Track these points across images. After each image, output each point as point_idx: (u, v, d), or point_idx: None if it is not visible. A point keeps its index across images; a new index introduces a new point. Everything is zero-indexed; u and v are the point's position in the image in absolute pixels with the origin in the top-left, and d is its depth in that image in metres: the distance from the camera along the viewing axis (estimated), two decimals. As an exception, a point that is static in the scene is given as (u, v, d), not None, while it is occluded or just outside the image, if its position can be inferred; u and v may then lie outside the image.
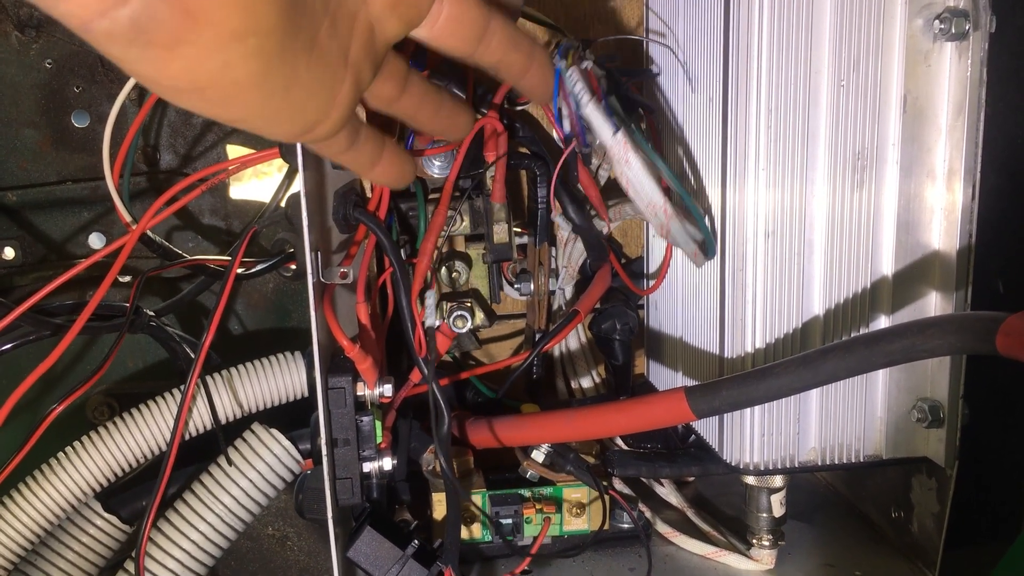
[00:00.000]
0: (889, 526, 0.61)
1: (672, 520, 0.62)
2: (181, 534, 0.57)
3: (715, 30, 0.51)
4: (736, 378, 0.46)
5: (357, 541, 0.51)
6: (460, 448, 0.59)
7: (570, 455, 0.57)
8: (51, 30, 0.70)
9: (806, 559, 0.60)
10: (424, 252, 0.55)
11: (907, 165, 0.50)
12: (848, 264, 0.51)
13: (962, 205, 0.50)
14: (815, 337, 0.51)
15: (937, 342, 0.40)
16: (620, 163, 0.51)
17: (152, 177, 0.74)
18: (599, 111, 0.51)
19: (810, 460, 0.53)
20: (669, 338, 0.63)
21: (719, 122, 0.51)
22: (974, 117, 0.49)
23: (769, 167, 0.49)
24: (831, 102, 0.49)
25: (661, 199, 0.51)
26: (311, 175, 0.48)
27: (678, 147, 0.59)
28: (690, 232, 0.53)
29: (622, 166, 0.51)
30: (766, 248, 0.50)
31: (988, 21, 0.48)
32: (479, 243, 0.61)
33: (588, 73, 0.52)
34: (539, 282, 0.63)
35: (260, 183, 0.81)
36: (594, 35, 0.65)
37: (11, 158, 0.72)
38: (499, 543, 0.56)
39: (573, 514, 0.58)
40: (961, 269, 0.50)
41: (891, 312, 0.52)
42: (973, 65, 0.48)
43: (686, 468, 0.59)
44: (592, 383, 0.68)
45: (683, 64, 0.57)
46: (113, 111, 0.57)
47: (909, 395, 0.53)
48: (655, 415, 0.49)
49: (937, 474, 0.54)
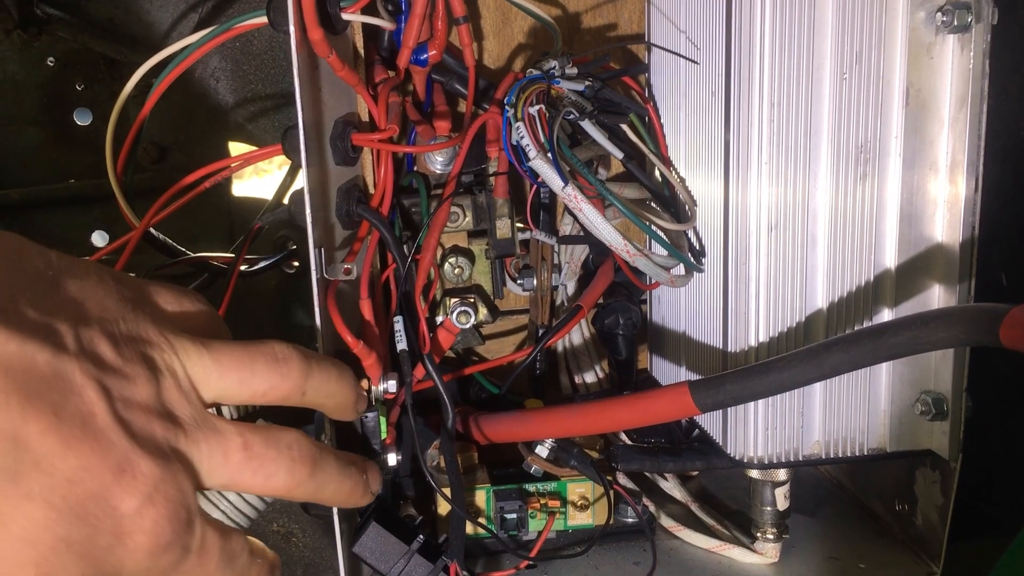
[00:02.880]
0: (893, 519, 0.61)
1: (676, 514, 0.62)
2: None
3: (717, 23, 0.51)
4: (740, 372, 0.46)
5: (362, 536, 0.51)
6: (464, 444, 0.59)
7: (574, 450, 0.57)
8: (53, 28, 0.70)
9: (810, 552, 0.60)
10: (427, 248, 0.55)
11: (910, 158, 0.50)
12: (851, 257, 0.51)
13: (965, 197, 0.49)
14: (819, 330, 0.51)
15: (941, 335, 0.40)
16: (575, 211, 0.52)
17: (155, 175, 0.74)
18: (546, 164, 0.51)
19: (814, 453, 0.53)
20: (672, 333, 0.63)
21: (721, 116, 0.51)
22: (977, 109, 0.48)
23: (772, 160, 0.49)
24: (834, 95, 0.49)
25: (621, 241, 0.52)
26: (314, 172, 0.48)
27: (680, 141, 0.59)
28: (660, 263, 0.53)
29: (577, 214, 0.52)
30: (769, 242, 0.50)
31: (990, 13, 0.47)
32: (482, 239, 0.61)
33: (539, 117, 0.51)
34: (542, 278, 0.63)
35: (262, 180, 0.81)
36: (593, 27, 0.65)
37: (13, 156, 0.72)
38: (504, 538, 0.57)
39: (577, 508, 0.58)
40: (964, 261, 0.50)
41: (894, 305, 0.52)
42: (976, 57, 0.48)
43: (690, 462, 0.59)
44: (596, 378, 0.68)
45: (685, 57, 0.56)
46: (115, 109, 0.57)
47: (913, 388, 0.53)
48: (659, 410, 0.49)
49: (941, 467, 0.54)
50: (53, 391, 0.30)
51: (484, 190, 0.59)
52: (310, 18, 0.46)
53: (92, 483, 0.31)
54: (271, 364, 0.38)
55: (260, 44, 0.75)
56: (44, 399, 0.30)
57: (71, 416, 0.31)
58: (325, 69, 0.50)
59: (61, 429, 0.30)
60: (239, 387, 0.38)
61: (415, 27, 0.54)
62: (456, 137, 0.56)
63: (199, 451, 0.35)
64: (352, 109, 0.58)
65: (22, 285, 0.32)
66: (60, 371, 0.31)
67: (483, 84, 0.59)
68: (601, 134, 0.54)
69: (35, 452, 0.30)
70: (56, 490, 0.30)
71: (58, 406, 0.30)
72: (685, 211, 0.58)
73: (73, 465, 0.30)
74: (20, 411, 0.29)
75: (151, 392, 0.34)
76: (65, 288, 0.34)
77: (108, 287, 0.35)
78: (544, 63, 0.55)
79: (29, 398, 0.30)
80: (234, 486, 0.37)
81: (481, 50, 0.64)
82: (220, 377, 0.37)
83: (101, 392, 0.32)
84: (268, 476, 0.37)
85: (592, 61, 0.58)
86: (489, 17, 0.64)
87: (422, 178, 0.59)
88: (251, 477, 0.37)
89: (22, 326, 0.30)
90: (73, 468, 0.30)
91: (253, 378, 0.38)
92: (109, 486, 0.31)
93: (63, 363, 0.31)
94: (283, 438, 0.38)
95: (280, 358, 0.39)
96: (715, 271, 0.54)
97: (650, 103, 0.61)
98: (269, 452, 0.37)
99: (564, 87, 0.54)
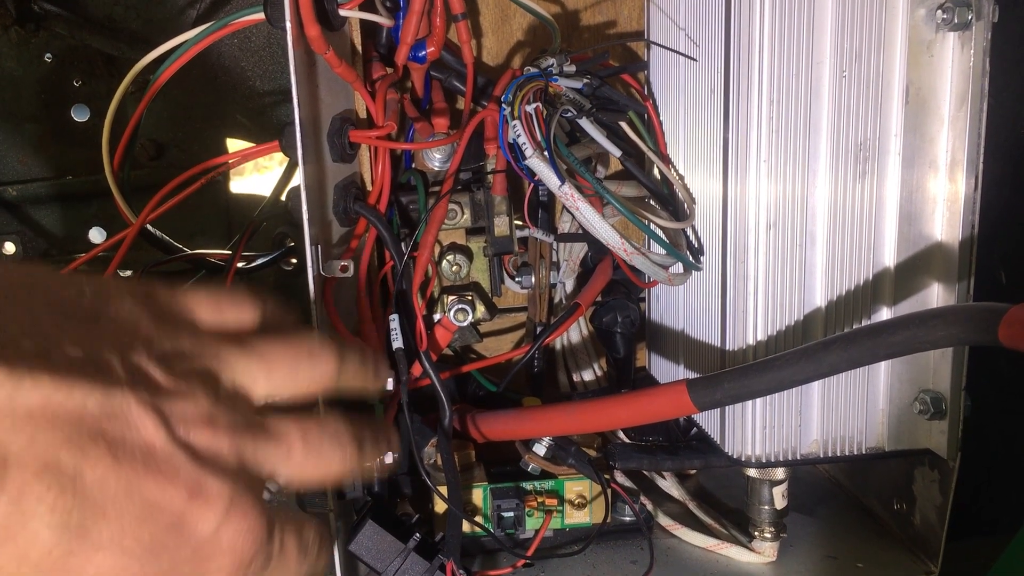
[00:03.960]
0: (891, 518, 0.61)
1: (674, 513, 0.62)
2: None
3: (717, 20, 0.51)
4: (738, 370, 0.46)
5: (359, 535, 0.51)
6: (461, 442, 0.59)
7: (572, 448, 0.57)
8: (51, 24, 0.70)
9: (808, 551, 0.60)
10: (425, 245, 0.55)
11: (909, 156, 0.50)
12: (850, 255, 0.50)
13: (964, 196, 0.49)
14: (817, 329, 0.51)
15: (939, 333, 0.40)
16: (572, 210, 0.51)
17: (152, 171, 0.74)
18: (542, 163, 0.51)
19: (812, 452, 0.53)
20: (670, 331, 0.63)
21: (721, 113, 0.51)
22: (976, 107, 0.48)
23: (771, 158, 0.49)
24: (833, 93, 0.49)
25: (618, 240, 0.52)
26: (311, 169, 0.48)
27: (679, 139, 0.58)
28: (657, 261, 0.53)
29: (574, 212, 0.51)
30: (768, 240, 0.50)
31: (991, 11, 0.47)
32: (480, 236, 0.61)
33: (536, 115, 0.51)
34: (540, 275, 0.63)
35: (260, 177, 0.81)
36: (592, 25, 0.65)
37: (11, 152, 0.72)
38: (501, 536, 0.56)
39: (575, 507, 0.58)
40: (963, 260, 0.50)
41: (893, 303, 0.51)
42: (976, 55, 0.48)
43: (688, 461, 0.59)
44: (594, 376, 0.68)
45: (683, 55, 0.56)
46: (113, 105, 0.57)
47: (911, 387, 0.52)
48: (657, 408, 0.49)
49: (939, 466, 0.54)
50: (108, 431, 0.29)
51: (482, 187, 0.59)
52: (307, 14, 0.46)
53: (163, 516, 0.30)
54: (311, 358, 0.38)
55: (258, 40, 0.75)
56: (99, 443, 0.29)
57: (130, 453, 0.29)
58: (323, 65, 0.50)
59: (121, 470, 0.29)
60: (285, 385, 0.37)
61: (413, 23, 0.54)
62: (454, 134, 0.56)
63: (264, 456, 0.34)
64: (350, 106, 0.58)
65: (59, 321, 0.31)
66: (114, 408, 0.30)
67: (482, 81, 0.59)
68: (599, 132, 0.54)
69: (98, 501, 0.28)
70: (127, 533, 0.29)
71: (115, 446, 0.29)
72: (683, 209, 0.57)
73: (140, 503, 0.29)
74: (74, 463, 0.28)
75: (205, 406, 0.33)
76: (103, 315, 0.32)
77: (145, 305, 0.34)
78: (542, 61, 0.55)
79: (83, 447, 0.28)
80: (296, 481, 0.37)
81: (480, 47, 0.64)
82: (267, 378, 0.36)
83: (159, 419, 0.31)
84: (327, 466, 0.37)
85: (591, 58, 0.58)
86: (488, 14, 0.64)
87: (420, 175, 0.59)
88: (313, 470, 0.37)
89: (69, 369, 0.29)
90: (140, 507, 0.29)
91: (297, 375, 0.37)
92: (182, 514, 0.30)
93: (117, 398, 0.30)
94: (330, 425, 0.38)
95: (317, 351, 0.38)
96: (713, 269, 0.54)
97: (649, 100, 0.61)
98: (324, 443, 0.37)
99: (562, 85, 0.54)
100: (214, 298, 0.38)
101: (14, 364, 0.27)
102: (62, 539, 0.28)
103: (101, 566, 0.29)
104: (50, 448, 0.27)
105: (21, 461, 0.27)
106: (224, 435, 0.33)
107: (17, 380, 0.27)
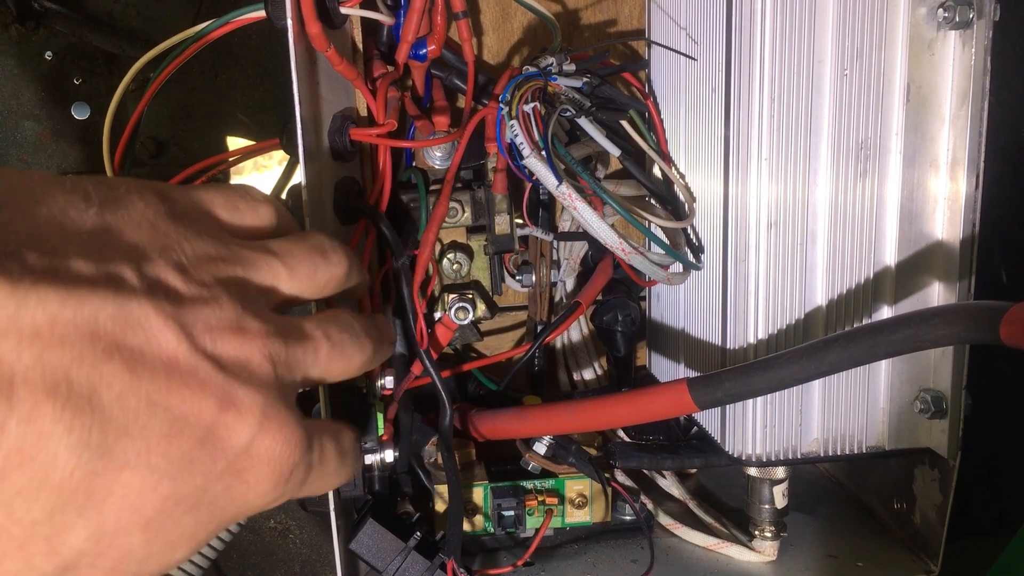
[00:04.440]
0: (892, 517, 0.61)
1: (674, 512, 0.62)
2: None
3: (718, 18, 0.51)
4: (739, 369, 0.46)
5: (359, 533, 0.51)
6: (462, 440, 0.59)
7: (572, 447, 0.57)
8: (51, 22, 0.70)
9: (808, 550, 0.60)
10: (425, 243, 0.55)
11: (910, 155, 0.50)
12: (851, 254, 0.50)
13: (965, 194, 0.49)
14: (818, 327, 0.51)
15: (940, 332, 0.40)
16: (570, 210, 0.51)
17: (153, 169, 0.74)
18: (540, 163, 0.50)
19: (813, 451, 0.53)
20: (671, 329, 0.63)
21: (722, 112, 0.51)
22: (978, 106, 0.48)
23: (772, 157, 0.49)
24: (834, 91, 0.49)
25: (617, 239, 0.52)
26: (312, 167, 0.48)
27: (680, 137, 0.58)
28: (656, 261, 0.53)
29: (573, 212, 0.51)
30: (769, 238, 0.50)
31: (992, 9, 0.47)
32: (480, 234, 0.61)
33: (533, 114, 0.51)
34: (541, 274, 0.63)
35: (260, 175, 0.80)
36: (593, 23, 0.65)
37: (11, 151, 0.72)
38: (501, 535, 0.56)
39: (575, 506, 0.58)
40: (964, 259, 0.50)
41: (894, 302, 0.51)
42: (977, 54, 0.48)
43: (688, 460, 0.59)
44: (594, 375, 0.68)
45: (684, 54, 0.56)
46: (113, 103, 0.57)
47: (912, 386, 0.52)
48: (657, 407, 0.49)
49: (940, 465, 0.54)
50: (125, 345, 0.27)
51: (483, 186, 0.59)
52: (308, 12, 0.46)
53: (192, 431, 0.28)
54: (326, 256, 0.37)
55: (258, 38, 0.74)
56: (114, 358, 0.27)
57: (150, 367, 0.28)
58: (323, 64, 0.50)
59: (141, 385, 0.27)
60: (307, 285, 0.36)
61: (414, 22, 0.54)
62: (455, 132, 0.56)
63: (294, 359, 0.33)
64: (350, 104, 0.58)
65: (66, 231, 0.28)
66: (130, 320, 0.27)
67: (482, 79, 0.58)
68: (598, 131, 0.54)
69: (118, 419, 0.27)
70: (153, 450, 0.27)
71: (133, 360, 0.27)
72: (684, 208, 0.57)
73: (165, 419, 0.28)
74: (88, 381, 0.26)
75: (232, 314, 0.31)
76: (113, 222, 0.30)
77: (159, 209, 0.32)
78: (541, 60, 0.55)
79: (97, 363, 0.26)
80: (326, 379, 0.35)
81: (480, 45, 0.64)
82: (289, 280, 0.35)
83: (179, 330, 0.29)
84: (350, 360, 0.36)
85: (591, 57, 0.57)
86: (489, 12, 0.64)
87: (421, 173, 0.58)
88: (338, 366, 0.35)
89: (78, 281, 0.27)
90: (166, 422, 0.28)
91: (316, 275, 0.36)
92: (212, 427, 0.29)
93: (133, 310, 0.28)
94: (343, 318, 0.37)
95: (330, 250, 0.37)
96: (714, 268, 0.54)
97: (650, 99, 0.61)
98: (344, 337, 0.36)
99: (561, 84, 0.54)
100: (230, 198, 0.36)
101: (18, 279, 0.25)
102: (83, 459, 0.26)
103: (128, 485, 0.27)
104: (60, 366, 0.25)
105: (29, 380, 0.25)
106: (254, 342, 0.31)
107: (22, 296, 0.25)
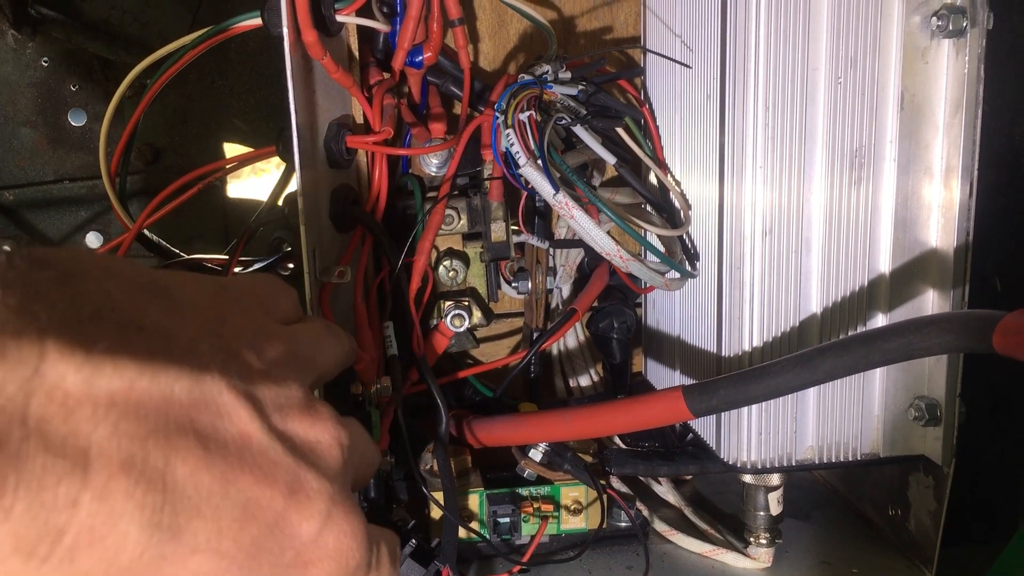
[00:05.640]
0: (886, 524, 0.61)
1: (670, 518, 0.62)
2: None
3: (713, 26, 0.51)
4: (734, 377, 0.46)
5: (354, 540, 0.51)
6: (458, 447, 0.59)
7: (568, 454, 0.57)
8: (48, 29, 0.70)
9: (803, 557, 0.60)
10: (422, 251, 0.55)
11: (904, 162, 0.50)
12: (845, 262, 0.51)
13: (959, 202, 0.49)
14: (813, 335, 0.51)
15: (934, 340, 0.40)
16: (567, 218, 0.51)
17: (149, 175, 0.74)
18: (536, 172, 0.50)
19: (807, 458, 0.53)
20: (667, 336, 0.63)
21: (717, 119, 0.51)
22: (971, 114, 0.48)
23: (766, 165, 0.49)
24: (828, 99, 0.49)
25: (613, 247, 0.52)
26: (308, 174, 0.48)
27: (675, 145, 0.58)
28: (653, 268, 0.53)
29: (569, 220, 0.51)
30: (763, 246, 0.50)
31: (986, 18, 0.47)
32: (477, 241, 0.61)
33: (529, 123, 0.51)
34: (537, 280, 0.63)
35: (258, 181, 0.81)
36: (589, 31, 0.65)
37: (8, 157, 0.72)
38: (497, 542, 0.56)
39: (571, 513, 0.58)
40: (958, 267, 0.50)
41: (888, 310, 0.52)
42: (971, 62, 0.48)
43: (684, 467, 0.59)
44: (590, 382, 0.68)
45: (679, 62, 0.56)
46: (109, 109, 0.57)
47: (906, 393, 0.53)
48: (653, 414, 0.49)
49: (934, 472, 0.54)
50: (199, 421, 0.26)
51: (479, 193, 0.59)
52: (304, 20, 0.46)
53: (263, 516, 0.27)
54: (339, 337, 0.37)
55: (255, 45, 0.75)
56: (188, 434, 0.25)
57: (224, 445, 0.26)
58: (320, 71, 0.50)
59: (215, 464, 0.26)
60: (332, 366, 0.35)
61: (410, 29, 0.54)
62: (451, 139, 0.56)
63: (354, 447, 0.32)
64: (347, 111, 0.58)
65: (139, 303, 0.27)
66: (205, 395, 0.26)
67: (479, 86, 0.59)
68: (594, 139, 0.54)
69: (191, 499, 0.25)
70: (225, 535, 0.26)
71: (207, 437, 0.26)
72: (680, 215, 0.58)
73: (238, 502, 0.26)
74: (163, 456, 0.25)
75: (300, 394, 0.30)
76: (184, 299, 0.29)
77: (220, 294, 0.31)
78: (537, 67, 0.55)
79: (171, 438, 0.25)
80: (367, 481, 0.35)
81: (477, 52, 0.64)
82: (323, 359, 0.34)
83: (252, 408, 0.27)
84: None
85: (587, 64, 0.58)
86: (485, 19, 0.64)
87: (417, 180, 0.59)
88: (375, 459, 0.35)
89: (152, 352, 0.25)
90: (238, 505, 0.26)
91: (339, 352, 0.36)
92: (282, 514, 0.27)
93: (207, 384, 0.26)
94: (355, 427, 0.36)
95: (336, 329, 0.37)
96: (709, 275, 0.54)
97: (646, 106, 0.61)
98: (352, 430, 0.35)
99: (557, 91, 0.54)
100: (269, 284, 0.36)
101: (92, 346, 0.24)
102: (153, 540, 0.24)
103: (198, 572, 0.26)
104: (136, 439, 0.24)
105: (104, 453, 0.23)
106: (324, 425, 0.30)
107: (97, 364, 0.24)
